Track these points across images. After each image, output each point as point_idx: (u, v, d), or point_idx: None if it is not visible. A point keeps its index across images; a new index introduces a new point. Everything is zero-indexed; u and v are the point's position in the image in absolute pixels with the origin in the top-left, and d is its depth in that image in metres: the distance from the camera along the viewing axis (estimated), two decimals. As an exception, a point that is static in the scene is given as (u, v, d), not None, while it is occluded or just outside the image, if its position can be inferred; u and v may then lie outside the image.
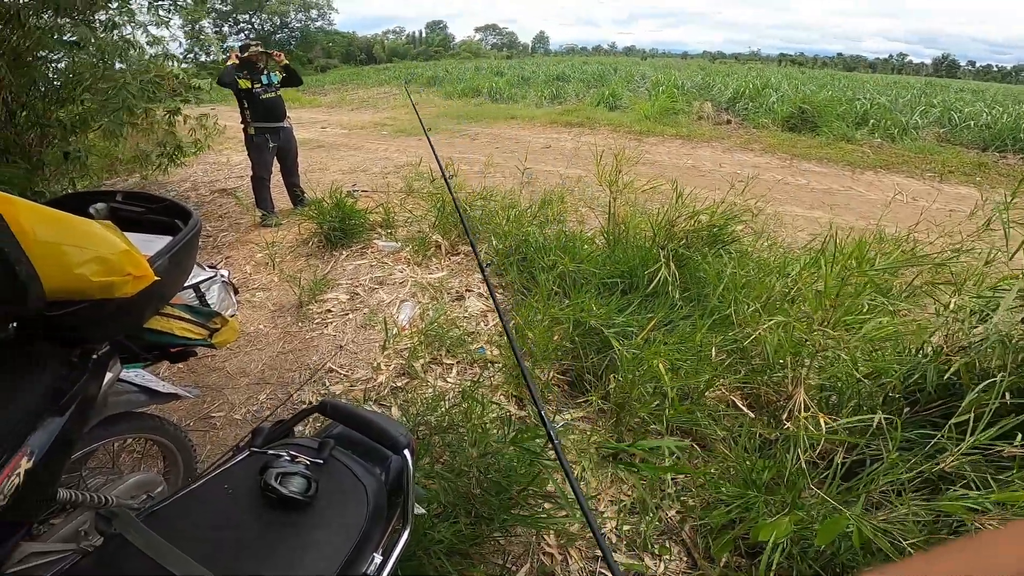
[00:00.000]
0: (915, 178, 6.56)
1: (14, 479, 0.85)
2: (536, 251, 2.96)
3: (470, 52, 53.90)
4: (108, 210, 1.36)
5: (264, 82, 4.24)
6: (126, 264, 0.99)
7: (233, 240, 4.23)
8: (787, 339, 1.91)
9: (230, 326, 1.48)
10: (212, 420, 2.27)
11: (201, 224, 1.33)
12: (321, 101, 16.02)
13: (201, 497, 0.87)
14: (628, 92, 12.38)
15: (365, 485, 0.90)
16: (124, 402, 1.31)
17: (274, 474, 0.84)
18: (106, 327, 1.08)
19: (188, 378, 2.55)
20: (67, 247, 0.92)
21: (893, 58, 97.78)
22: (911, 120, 9.27)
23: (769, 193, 4.65)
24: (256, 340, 2.85)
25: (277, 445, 0.96)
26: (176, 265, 1.19)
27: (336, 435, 1.02)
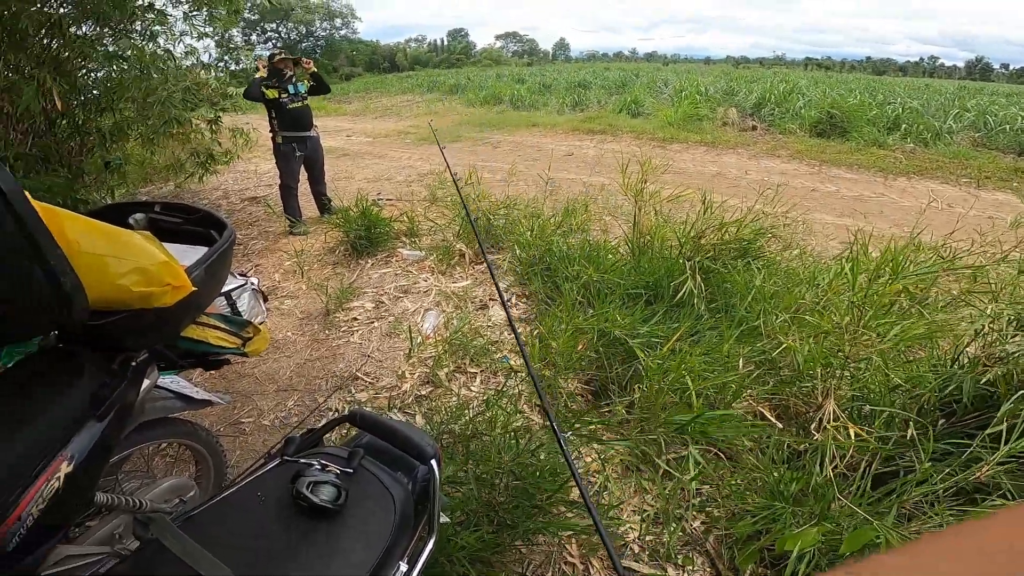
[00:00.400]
0: (950, 184, 6.37)
1: (54, 483, 0.88)
2: (560, 261, 2.95)
3: (491, 59, 54.28)
4: (147, 221, 1.40)
5: (291, 92, 4.30)
6: (165, 275, 1.01)
7: (263, 248, 4.32)
8: (817, 349, 1.87)
9: (262, 335, 1.52)
10: (242, 426, 2.31)
11: (235, 236, 1.36)
12: (346, 109, 16.31)
13: (235, 504, 0.89)
14: (650, 98, 12.31)
15: (392, 494, 0.92)
16: (160, 408, 1.34)
17: (305, 483, 0.86)
18: (145, 336, 1.11)
19: (220, 384, 2.60)
20: (110, 258, 0.95)
21: (924, 61, 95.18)
22: (945, 124, 9.01)
23: (798, 200, 4.57)
24: (284, 347, 2.90)
25: (308, 454, 0.98)
26: (211, 276, 1.22)
27: (365, 444, 1.03)
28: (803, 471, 1.61)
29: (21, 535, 0.83)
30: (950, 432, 1.65)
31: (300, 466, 0.91)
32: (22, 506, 0.83)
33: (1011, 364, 1.66)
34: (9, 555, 0.83)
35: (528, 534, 1.60)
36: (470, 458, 1.75)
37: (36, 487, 0.85)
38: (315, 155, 4.62)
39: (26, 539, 0.84)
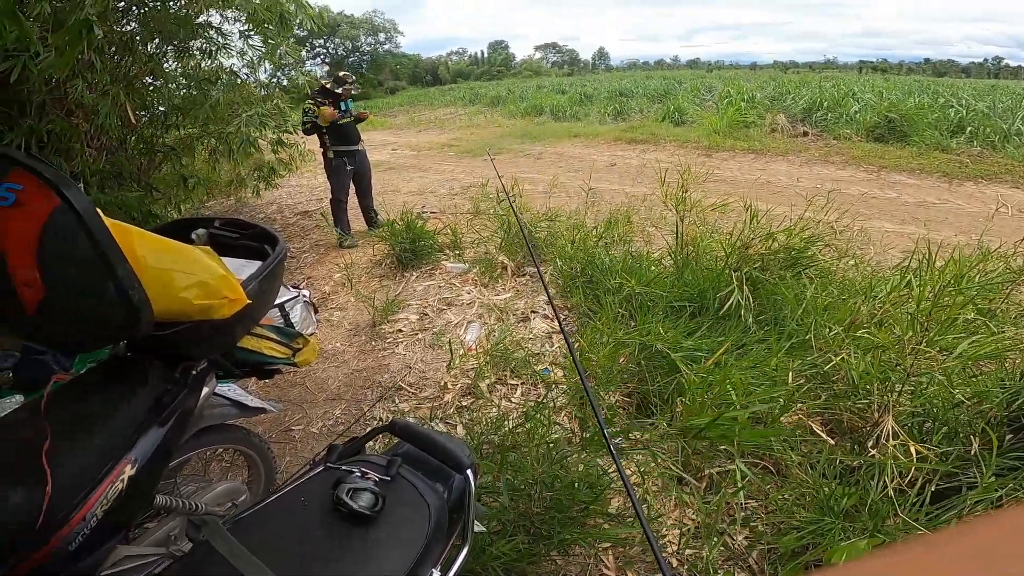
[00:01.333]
0: (1021, 188, 5.96)
1: (118, 485, 0.93)
2: (602, 273, 2.94)
3: (531, 71, 54.72)
4: (207, 236, 1.48)
5: (343, 109, 4.53)
6: (223, 288, 1.07)
7: (314, 261, 4.49)
8: (874, 363, 1.79)
9: (311, 346, 1.58)
10: (292, 433, 2.40)
11: (287, 250, 1.43)
12: (391, 123, 16.78)
13: (280, 509, 0.93)
14: (694, 106, 12.10)
15: (428, 502, 0.94)
16: (218, 415, 1.40)
17: (346, 489, 0.89)
18: (204, 346, 1.18)
19: (273, 393, 2.70)
20: (174, 272, 1.02)
21: (988, 62, 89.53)
22: (1013, 127, 8.45)
23: (854, 208, 4.38)
24: (333, 358, 3.00)
25: (349, 461, 1.01)
26: (265, 289, 1.28)
27: (403, 453, 1.06)
28: (856, 487, 1.55)
29: (85, 535, 0.88)
30: (1018, 447, 1.56)
31: (341, 473, 0.94)
32: (88, 506, 0.88)
33: None
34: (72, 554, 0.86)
35: (564, 544, 1.59)
36: (507, 468, 1.76)
37: (102, 488, 0.91)
38: (363, 168, 4.79)
39: (89, 539, 0.89)
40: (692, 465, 1.90)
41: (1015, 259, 2.11)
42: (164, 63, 4.39)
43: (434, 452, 1.02)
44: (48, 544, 0.83)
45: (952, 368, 1.76)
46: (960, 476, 1.53)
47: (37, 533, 0.81)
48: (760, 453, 1.90)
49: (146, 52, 4.20)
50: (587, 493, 1.64)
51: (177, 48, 4.64)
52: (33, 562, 0.82)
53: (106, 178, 3.88)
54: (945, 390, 1.73)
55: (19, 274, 0.86)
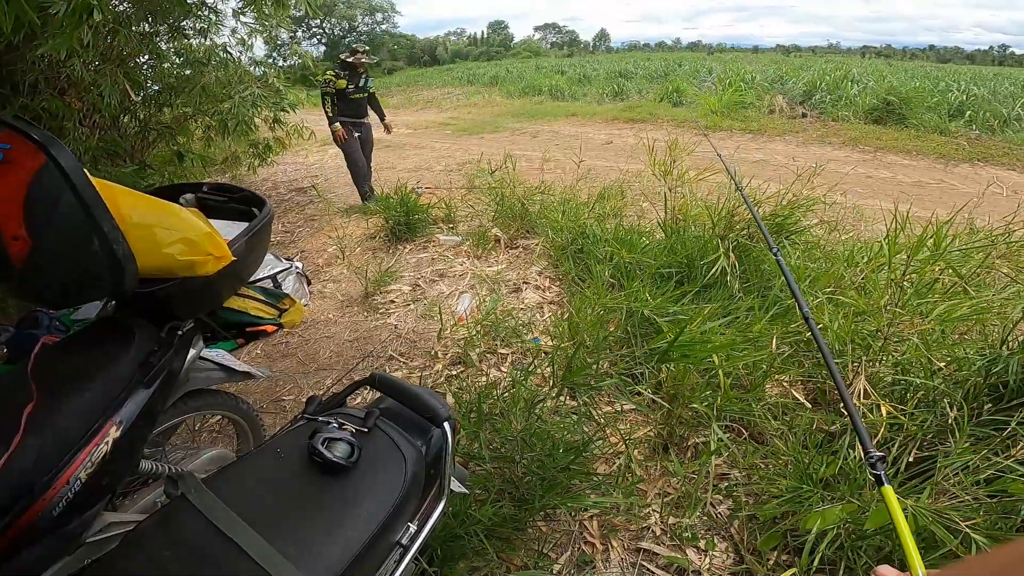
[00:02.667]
0: (1016, 170, 5.98)
1: (103, 447, 0.92)
2: (592, 243, 2.96)
3: (530, 51, 53.97)
4: (196, 199, 1.49)
5: (359, 84, 4.81)
6: (208, 245, 1.08)
7: (307, 235, 4.50)
8: (847, 326, 1.82)
9: (297, 308, 1.59)
10: (283, 403, 2.43)
11: (273, 212, 1.44)
12: (388, 102, 16.53)
13: (257, 461, 0.94)
14: (693, 87, 12.00)
15: (404, 454, 0.94)
16: (204, 379, 1.40)
17: (321, 439, 0.89)
18: (191, 304, 1.19)
19: (263, 363, 2.73)
20: (158, 228, 1.02)
21: (994, 49, 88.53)
22: (1013, 111, 8.42)
23: (848, 186, 4.39)
24: (326, 328, 3.03)
25: (328, 414, 1.02)
26: (251, 248, 1.29)
27: (383, 408, 1.06)
28: (835, 456, 1.57)
29: (69, 499, 0.86)
30: (996, 417, 1.59)
31: (318, 424, 0.95)
32: (72, 469, 0.87)
33: None
34: (56, 519, 0.85)
35: (547, 510, 1.63)
36: (496, 435, 1.79)
37: (86, 451, 0.89)
38: (368, 139, 5.12)
39: (73, 503, 0.87)
40: (676, 433, 1.94)
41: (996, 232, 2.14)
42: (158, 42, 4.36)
43: (412, 404, 1.03)
44: (32, 507, 0.82)
45: (930, 332, 1.79)
46: (939, 446, 1.56)
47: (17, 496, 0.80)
48: (744, 421, 1.94)
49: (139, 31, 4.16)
50: (568, 454, 1.67)
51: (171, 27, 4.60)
52: (17, 529, 0.80)
53: (99, 156, 3.88)
54: (922, 355, 1.76)
55: (7, 228, 0.88)
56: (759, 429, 1.91)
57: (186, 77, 4.43)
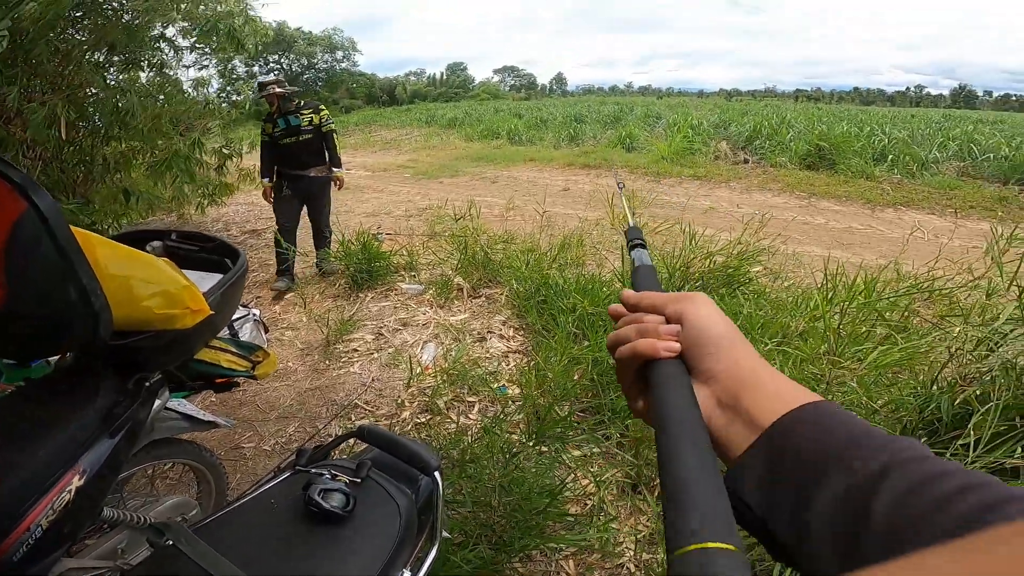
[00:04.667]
0: (935, 214, 6.54)
1: (65, 495, 0.92)
2: (555, 294, 3.04)
3: (489, 93, 55.54)
4: (163, 248, 1.48)
5: (282, 126, 3.91)
6: (186, 298, 1.08)
7: (263, 280, 4.42)
8: (796, 374, 1.95)
9: (270, 359, 1.59)
10: (243, 450, 2.39)
11: (247, 264, 1.45)
12: (346, 143, 16.60)
13: (248, 511, 0.94)
14: (645, 132, 12.62)
15: (398, 503, 0.97)
16: (168, 428, 1.40)
17: (317, 489, 0.91)
18: (161, 357, 1.18)
19: (221, 410, 2.66)
20: (136, 281, 1.02)
21: (911, 90, 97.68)
22: (930, 154, 9.25)
23: (788, 233, 4.69)
24: (285, 376, 2.97)
25: (319, 465, 1.03)
26: (226, 301, 1.29)
27: (371, 457, 1.08)
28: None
29: (29, 544, 0.87)
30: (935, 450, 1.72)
31: (311, 475, 0.96)
32: (33, 516, 0.87)
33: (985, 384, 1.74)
34: (16, 564, 0.85)
35: (525, 551, 1.65)
36: (467, 480, 1.81)
37: (48, 498, 0.90)
38: (310, 200, 4.16)
39: (33, 549, 0.88)
40: (644, 474, 2.00)
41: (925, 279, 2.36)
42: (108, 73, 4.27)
43: (401, 455, 1.05)
44: None
45: (867, 377, 1.93)
46: None
47: None
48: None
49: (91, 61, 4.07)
50: (543, 498, 1.70)
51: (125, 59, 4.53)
52: None
53: (42, 189, 3.71)
54: (861, 398, 1.90)
55: (-16, 275, 0.86)
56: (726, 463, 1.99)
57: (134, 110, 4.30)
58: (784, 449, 0.33)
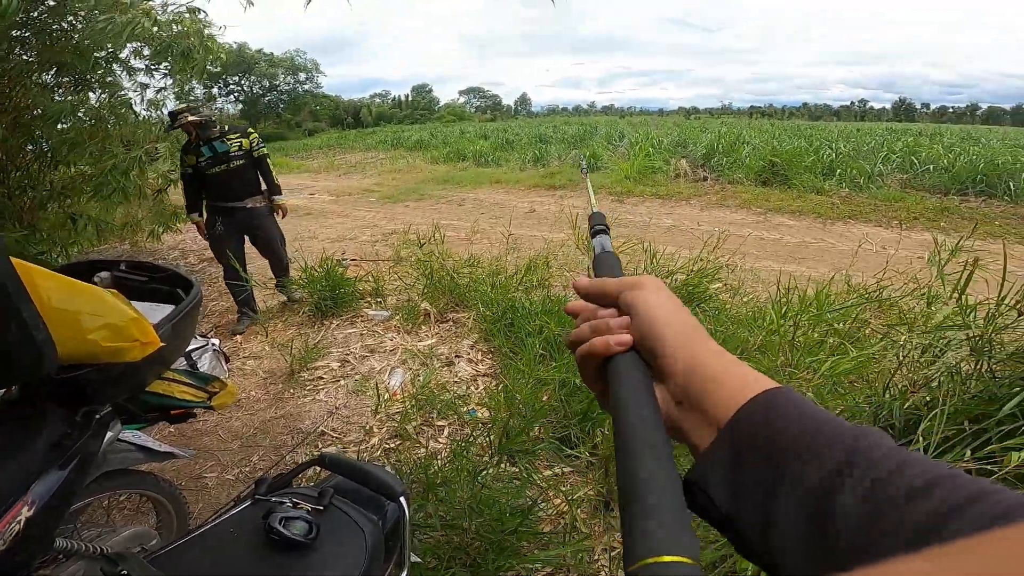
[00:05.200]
0: (883, 226, 6.86)
1: (15, 526, 0.91)
2: (522, 316, 3.06)
3: (455, 115, 56.06)
4: (112, 279, 1.45)
5: (207, 154, 3.51)
6: (135, 331, 1.07)
7: (223, 309, 4.31)
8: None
9: (228, 389, 1.57)
10: (204, 480, 2.34)
11: (201, 294, 1.43)
12: (309, 166, 16.49)
13: (207, 540, 0.92)
14: (608, 152, 12.91)
15: (364, 530, 0.96)
16: (122, 459, 1.39)
17: (278, 518, 0.89)
18: (110, 390, 1.16)
19: (181, 441, 2.62)
20: (81, 314, 1.01)
21: (855, 105, 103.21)
22: (875, 167, 9.70)
23: (746, 249, 4.86)
24: (248, 406, 2.92)
25: (279, 493, 1.02)
26: (178, 333, 1.28)
27: (335, 485, 1.07)
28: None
29: None
30: None
31: (272, 504, 0.95)
32: None
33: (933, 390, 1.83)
34: None
35: (499, 571, 1.64)
36: (441, 504, 1.80)
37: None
38: (254, 235, 3.80)
39: None
40: (615, 491, 2.01)
41: (869, 290, 2.48)
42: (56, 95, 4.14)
43: (366, 482, 1.04)
44: None
45: (822, 386, 2.01)
46: None
47: None
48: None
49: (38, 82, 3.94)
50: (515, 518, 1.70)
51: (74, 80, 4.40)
52: None
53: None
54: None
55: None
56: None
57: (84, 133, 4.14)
58: (745, 442, 0.32)
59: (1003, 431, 1.42)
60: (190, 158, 3.55)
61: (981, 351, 1.69)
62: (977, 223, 3.81)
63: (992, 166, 8.82)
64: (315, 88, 51.93)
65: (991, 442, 1.42)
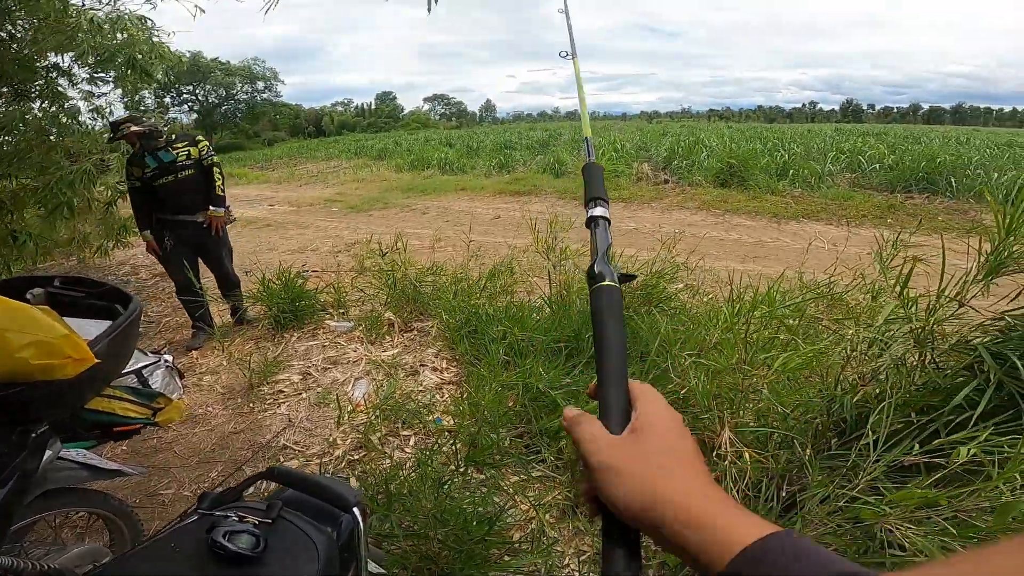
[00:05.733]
0: (833, 224, 7.15)
1: None
2: (486, 323, 3.06)
3: (419, 123, 55.79)
4: (45, 295, 1.43)
5: (153, 165, 3.36)
6: (66, 348, 1.05)
7: (177, 324, 4.17)
8: (712, 384, 2.06)
9: (174, 405, 1.55)
10: (160, 497, 2.28)
11: (141, 308, 1.40)
12: (269, 176, 16.13)
13: (147, 557, 0.89)
14: (572, 157, 13.07)
15: (315, 542, 0.93)
16: (64, 478, 1.37)
17: (222, 531, 0.86)
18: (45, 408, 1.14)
19: (135, 458, 2.56)
20: (7, 332, 0.99)
21: (806, 106, 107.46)
22: (825, 168, 10.10)
23: (706, 250, 4.97)
24: (205, 421, 2.84)
25: (225, 507, 0.98)
26: (116, 348, 1.26)
27: (286, 498, 1.04)
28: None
29: None
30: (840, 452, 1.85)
31: (216, 518, 0.91)
32: None
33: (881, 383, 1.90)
34: None
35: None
36: (405, 514, 1.78)
37: None
38: (204, 249, 3.65)
39: None
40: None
41: (818, 286, 2.57)
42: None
43: (317, 494, 1.02)
44: None
45: (777, 382, 2.06)
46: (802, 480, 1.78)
47: None
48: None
49: None
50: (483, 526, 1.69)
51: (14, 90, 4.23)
52: None
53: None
54: (774, 404, 2.02)
55: None
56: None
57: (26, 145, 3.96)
58: None
59: (949, 421, 1.46)
60: (136, 170, 3.40)
61: (924, 343, 1.74)
62: (921, 219, 4.01)
63: (933, 164, 9.29)
64: (274, 97, 50.92)
65: (938, 434, 1.47)
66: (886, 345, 1.98)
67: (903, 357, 1.84)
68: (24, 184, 4.29)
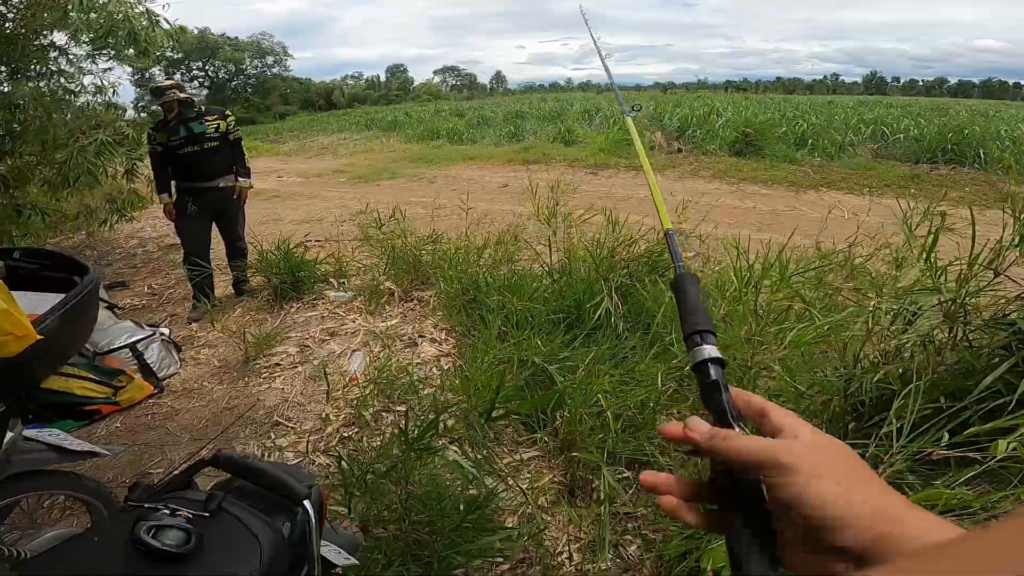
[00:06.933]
0: (854, 194, 6.88)
1: None
2: (484, 293, 2.95)
3: (430, 95, 55.00)
4: (5, 268, 1.36)
5: (183, 134, 3.48)
6: (5, 323, 0.99)
7: (180, 297, 4.13)
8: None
9: (136, 383, 1.49)
10: (151, 478, 2.20)
11: (98, 280, 1.33)
12: (280, 149, 16.02)
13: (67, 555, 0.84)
14: (584, 127, 12.74)
15: (258, 537, 0.86)
16: (33, 460, 1.34)
17: (146, 527, 0.79)
18: None
19: (126, 436, 2.49)
20: None
21: (827, 79, 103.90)
22: (847, 138, 9.76)
23: (719, 218, 4.80)
24: (200, 396, 2.79)
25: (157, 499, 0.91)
26: (70, 323, 1.18)
27: (236, 488, 0.97)
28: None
29: None
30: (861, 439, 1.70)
31: (143, 511, 0.84)
32: None
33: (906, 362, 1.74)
34: None
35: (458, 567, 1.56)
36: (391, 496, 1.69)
37: None
38: (224, 214, 3.75)
39: None
40: (579, 477, 1.93)
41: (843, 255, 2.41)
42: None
43: (264, 484, 0.95)
44: None
45: (790, 357, 1.93)
46: None
47: None
48: (640, 459, 1.97)
49: None
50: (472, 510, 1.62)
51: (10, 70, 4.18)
52: None
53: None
54: (786, 381, 1.88)
55: None
56: (658, 466, 1.95)
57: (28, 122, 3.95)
58: None
59: (982, 410, 1.31)
60: (161, 135, 3.49)
61: (955, 317, 1.57)
62: (947, 189, 3.78)
63: (961, 135, 8.87)
64: (284, 71, 50.47)
65: (970, 422, 1.32)
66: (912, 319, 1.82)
67: (931, 333, 1.64)
68: (28, 161, 4.28)
